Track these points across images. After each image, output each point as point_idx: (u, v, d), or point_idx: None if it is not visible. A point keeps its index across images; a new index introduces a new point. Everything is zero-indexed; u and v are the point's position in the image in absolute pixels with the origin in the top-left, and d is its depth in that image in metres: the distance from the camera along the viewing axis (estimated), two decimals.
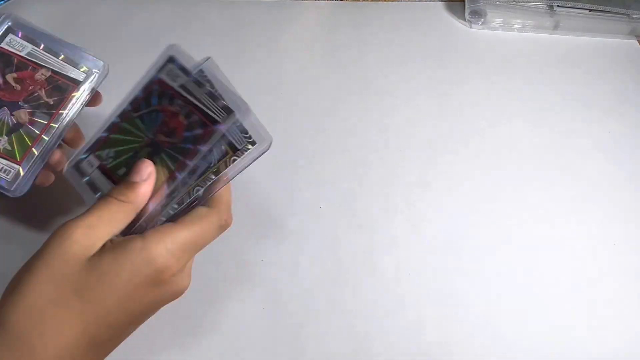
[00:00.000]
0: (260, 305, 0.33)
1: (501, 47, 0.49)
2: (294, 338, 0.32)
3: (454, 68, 0.47)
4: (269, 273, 0.35)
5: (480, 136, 0.42)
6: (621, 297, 0.35)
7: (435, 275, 0.35)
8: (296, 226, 0.37)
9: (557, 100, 0.45)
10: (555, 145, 0.42)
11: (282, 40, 0.48)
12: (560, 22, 0.49)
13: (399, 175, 0.40)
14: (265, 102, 0.43)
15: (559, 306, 0.34)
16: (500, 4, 0.48)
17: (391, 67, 0.46)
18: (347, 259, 0.35)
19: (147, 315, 0.26)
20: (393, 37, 0.49)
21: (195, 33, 0.48)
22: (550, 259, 0.36)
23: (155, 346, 0.32)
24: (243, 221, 0.37)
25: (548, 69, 0.47)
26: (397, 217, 0.37)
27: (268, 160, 0.40)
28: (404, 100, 0.44)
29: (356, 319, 0.33)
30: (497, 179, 0.40)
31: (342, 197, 0.38)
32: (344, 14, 0.51)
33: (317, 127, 0.42)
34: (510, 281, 0.35)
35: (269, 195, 0.38)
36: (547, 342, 0.33)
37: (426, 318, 0.33)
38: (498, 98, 0.45)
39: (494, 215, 0.38)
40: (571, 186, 0.40)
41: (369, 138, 0.42)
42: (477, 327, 0.33)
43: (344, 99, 0.44)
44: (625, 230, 0.38)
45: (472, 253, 0.36)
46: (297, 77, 0.45)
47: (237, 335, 0.32)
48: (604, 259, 0.36)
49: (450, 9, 0.51)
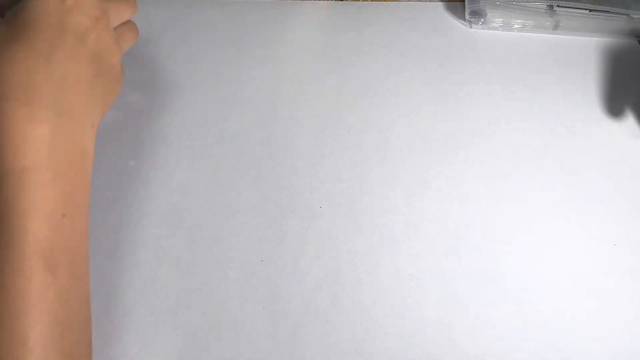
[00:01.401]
0: (260, 305, 0.33)
1: (501, 47, 0.49)
2: (294, 338, 0.32)
3: (454, 68, 0.47)
4: (269, 273, 0.35)
5: (480, 136, 0.42)
6: (621, 297, 0.35)
7: (436, 275, 0.35)
8: (296, 226, 0.37)
9: (557, 100, 0.45)
10: (555, 145, 0.42)
11: (282, 40, 0.48)
12: (560, 22, 0.49)
13: (399, 175, 0.40)
14: (265, 102, 0.43)
15: (559, 306, 0.34)
16: (500, 4, 0.48)
17: (391, 67, 0.46)
18: (347, 259, 0.35)
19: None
20: (393, 37, 0.49)
21: (195, 33, 0.48)
22: (550, 259, 0.36)
23: (155, 346, 0.32)
24: (243, 221, 0.37)
25: (548, 69, 0.47)
26: (397, 217, 0.37)
27: (268, 160, 0.40)
28: (403, 100, 0.44)
29: (356, 319, 0.33)
30: (497, 179, 0.40)
31: (342, 197, 0.38)
32: (344, 14, 0.51)
33: (317, 127, 0.42)
34: (510, 281, 0.35)
35: (268, 195, 0.38)
36: (547, 341, 0.33)
37: (426, 318, 0.33)
38: (498, 98, 0.45)
39: (494, 215, 0.38)
40: (571, 186, 0.40)
41: (369, 138, 0.42)
42: (477, 327, 0.33)
43: (344, 99, 0.44)
44: (625, 230, 0.38)
45: (472, 253, 0.36)
46: (297, 77, 0.45)
47: (237, 335, 0.32)
48: (604, 259, 0.36)
49: (450, 9, 0.51)
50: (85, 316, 0.27)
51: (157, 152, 0.40)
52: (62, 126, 0.26)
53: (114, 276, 0.35)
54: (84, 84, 0.28)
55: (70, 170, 0.27)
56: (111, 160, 0.39)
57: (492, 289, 0.35)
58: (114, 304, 0.34)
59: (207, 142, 0.41)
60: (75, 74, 0.28)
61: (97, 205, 0.38)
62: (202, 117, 0.42)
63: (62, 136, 0.26)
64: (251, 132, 0.42)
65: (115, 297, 0.34)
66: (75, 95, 0.27)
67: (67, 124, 0.27)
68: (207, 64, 0.46)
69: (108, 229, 0.36)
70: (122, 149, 0.40)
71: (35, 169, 0.25)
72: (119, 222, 0.37)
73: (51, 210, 0.25)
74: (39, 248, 0.24)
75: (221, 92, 0.44)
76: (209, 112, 0.43)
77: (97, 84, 0.29)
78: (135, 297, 0.34)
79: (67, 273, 0.25)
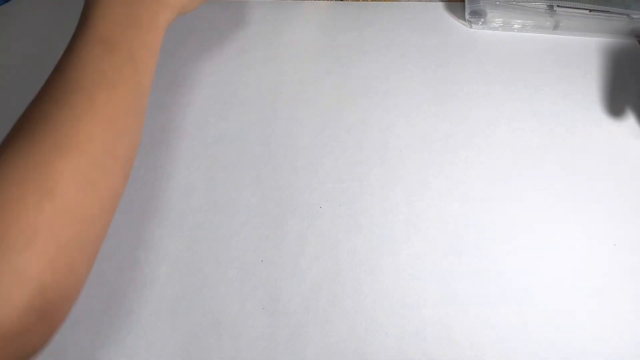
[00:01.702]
0: (260, 305, 0.34)
1: (501, 47, 0.48)
2: (294, 338, 0.32)
3: (454, 68, 0.47)
4: (269, 273, 0.35)
5: (480, 136, 0.42)
6: (621, 297, 0.35)
7: (436, 275, 0.35)
8: (296, 226, 0.37)
9: (557, 100, 0.45)
10: (555, 145, 0.42)
11: (282, 40, 0.48)
12: (560, 22, 0.49)
13: (399, 175, 0.40)
14: (265, 102, 0.43)
15: (559, 306, 0.34)
16: (500, 4, 0.48)
17: (391, 67, 0.46)
18: (347, 259, 0.35)
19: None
20: (393, 37, 0.49)
21: (195, 33, 0.48)
22: (550, 259, 0.36)
23: (155, 346, 0.32)
24: (243, 221, 0.37)
25: (548, 69, 0.47)
26: (397, 217, 0.37)
27: (268, 160, 0.40)
28: (403, 100, 0.44)
29: (356, 319, 0.33)
30: (497, 179, 0.40)
31: (342, 197, 0.38)
32: (344, 14, 0.51)
33: (317, 127, 0.42)
34: (510, 281, 0.35)
35: (268, 195, 0.38)
36: (547, 341, 0.33)
37: (426, 318, 0.33)
38: (498, 98, 0.45)
39: (494, 215, 0.38)
40: (571, 186, 0.40)
41: (369, 138, 0.42)
42: (477, 327, 0.33)
43: (344, 99, 0.44)
44: (625, 230, 0.38)
45: (472, 253, 0.36)
46: (297, 77, 0.45)
47: (237, 335, 0.32)
48: (604, 259, 0.36)
49: (450, 9, 0.51)
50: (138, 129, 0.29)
51: (157, 152, 0.40)
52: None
53: (114, 276, 0.35)
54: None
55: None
56: None
57: (492, 289, 0.35)
58: (114, 304, 0.34)
59: (207, 142, 0.41)
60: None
61: None
62: (202, 117, 0.42)
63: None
64: (251, 132, 0.42)
65: (115, 297, 0.34)
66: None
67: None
68: (207, 64, 0.46)
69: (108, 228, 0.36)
70: None
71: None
72: (119, 222, 0.37)
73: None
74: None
75: (221, 92, 0.44)
76: (209, 112, 0.43)
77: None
78: (135, 297, 0.34)
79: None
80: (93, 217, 0.24)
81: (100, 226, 0.25)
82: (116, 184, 0.26)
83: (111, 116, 0.26)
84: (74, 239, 0.23)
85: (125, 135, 0.27)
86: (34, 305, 0.21)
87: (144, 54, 0.29)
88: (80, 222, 0.23)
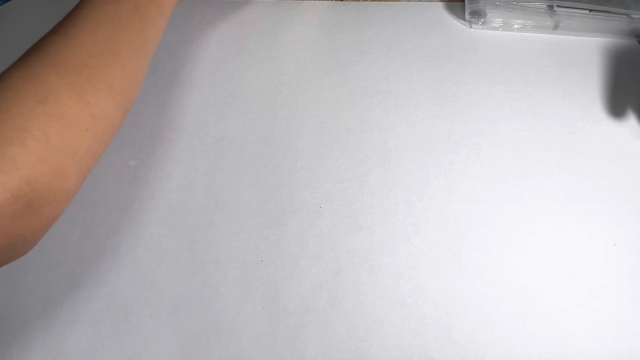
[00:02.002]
0: (260, 305, 0.34)
1: (501, 47, 0.49)
2: (294, 338, 0.32)
3: (454, 68, 0.47)
4: (269, 273, 0.35)
5: (480, 136, 0.42)
6: (621, 297, 0.35)
7: (436, 275, 0.35)
8: (296, 226, 0.37)
9: (557, 100, 0.45)
10: (555, 145, 0.42)
11: (282, 40, 0.48)
12: (560, 22, 0.49)
13: (399, 175, 0.40)
14: (265, 102, 0.43)
15: (559, 306, 0.34)
16: (500, 4, 0.48)
17: (391, 67, 0.46)
18: (347, 259, 0.35)
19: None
20: (393, 37, 0.49)
21: (195, 33, 0.48)
22: (550, 259, 0.36)
23: (155, 346, 0.32)
24: (243, 221, 0.37)
25: (548, 69, 0.47)
26: (397, 217, 0.37)
27: (268, 160, 0.40)
28: (404, 100, 0.44)
29: (356, 319, 0.33)
30: (496, 179, 0.40)
31: (342, 197, 0.38)
32: (344, 14, 0.51)
33: (317, 127, 0.42)
34: (510, 281, 0.35)
35: (269, 195, 0.38)
36: (547, 341, 0.33)
37: (426, 318, 0.33)
38: (498, 98, 0.45)
39: (494, 215, 0.38)
40: (571, 186, 0.40)
41: (369, 138, 0.42)
42: (477, 327, 0.33)
43: (344, 99, 0.44)
44: (625, 230, 0.38)
45: (472, 253, 0.36)
46: (297, 77, 0.45)
47: (237, 335, 0.32)
48: (604, 259, 0.36)
49: (450, 9, 0.51)
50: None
51: (157, 152, 0.40)
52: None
53: (114, 276, 0.35)
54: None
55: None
56: (111, 160, 0.39)
57: (492, 289, 0.35)
58: (114, 304, 0.34)
59: (207, 142, 0.41)
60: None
61: (97, 205, 0.38)
62: (202, 117, 0.42)
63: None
64: (251, 132, 0.42)
65: (115, 297, 0.34)
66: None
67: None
68: (207, 63, 0.46)
69: (108, 228, 0.36)
70: (122, 149, 0.40)
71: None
72: (119, 222, 0.37)
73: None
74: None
75: (221, 92, 0.44)
76: (209, 112, 0.43)
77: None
78: (135, 297, 0.34)
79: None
80: (85, 130, 0.26)
81: (93, 140, 0.26)
82: (110, 109, 0.27)
83: (112, 49, 0.28)
84: (65, 145, 0.24)
85: (124, 69, 0.29)
86: (21, 192, 0.22)
87: (151, 8, 0.31)
88: (71, 129, 0.25)
